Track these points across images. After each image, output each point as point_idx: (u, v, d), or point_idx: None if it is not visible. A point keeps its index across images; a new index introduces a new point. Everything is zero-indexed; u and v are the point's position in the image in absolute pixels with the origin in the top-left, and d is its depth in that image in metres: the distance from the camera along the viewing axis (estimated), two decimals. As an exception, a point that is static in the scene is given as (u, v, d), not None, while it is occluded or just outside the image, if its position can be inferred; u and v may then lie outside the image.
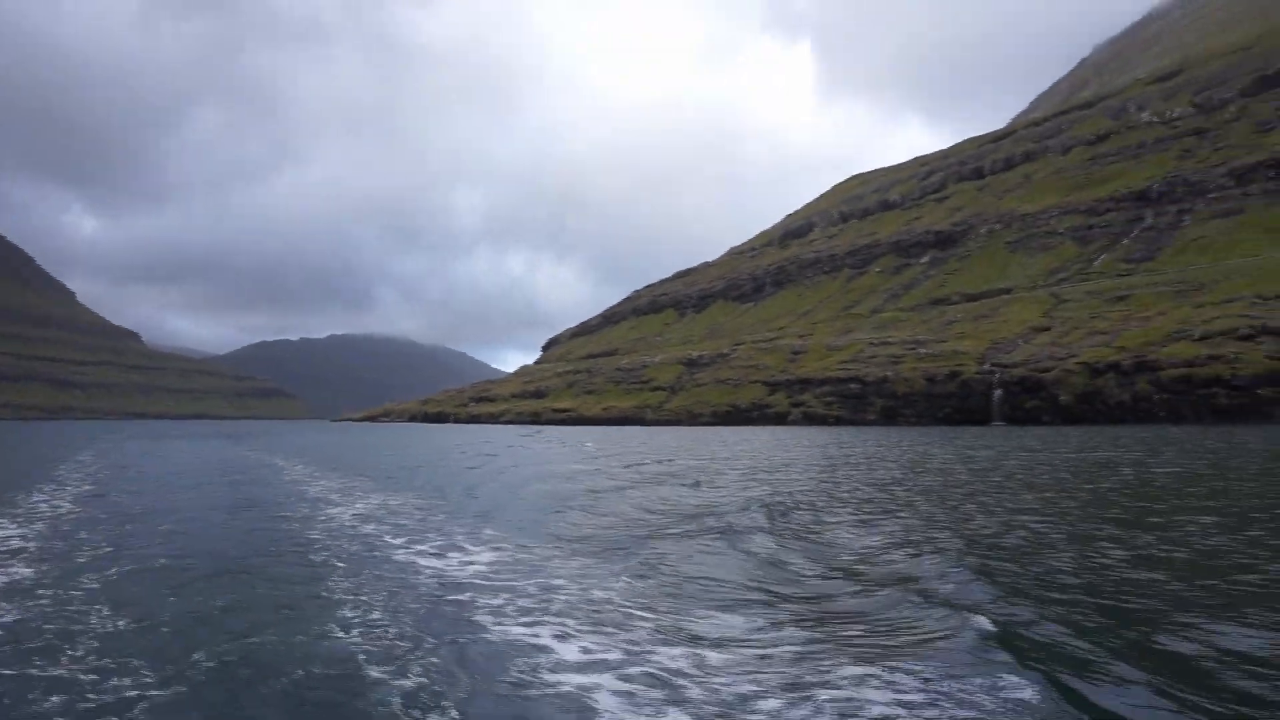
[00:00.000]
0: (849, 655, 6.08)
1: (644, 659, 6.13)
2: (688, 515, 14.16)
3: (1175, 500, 15.31)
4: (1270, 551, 9.53)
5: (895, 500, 16.53)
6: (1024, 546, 10.51)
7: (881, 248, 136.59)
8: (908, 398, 75.47)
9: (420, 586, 8.68)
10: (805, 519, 13.44)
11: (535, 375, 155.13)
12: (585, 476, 24.68)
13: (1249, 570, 8.52)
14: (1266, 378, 56.32)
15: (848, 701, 5.14)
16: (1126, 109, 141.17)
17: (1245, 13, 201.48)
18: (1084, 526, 12.37)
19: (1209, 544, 10.19)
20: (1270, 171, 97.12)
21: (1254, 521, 11.97)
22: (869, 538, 11.24)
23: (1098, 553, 10.25)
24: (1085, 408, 64.78)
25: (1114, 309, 79.11)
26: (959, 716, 4.82)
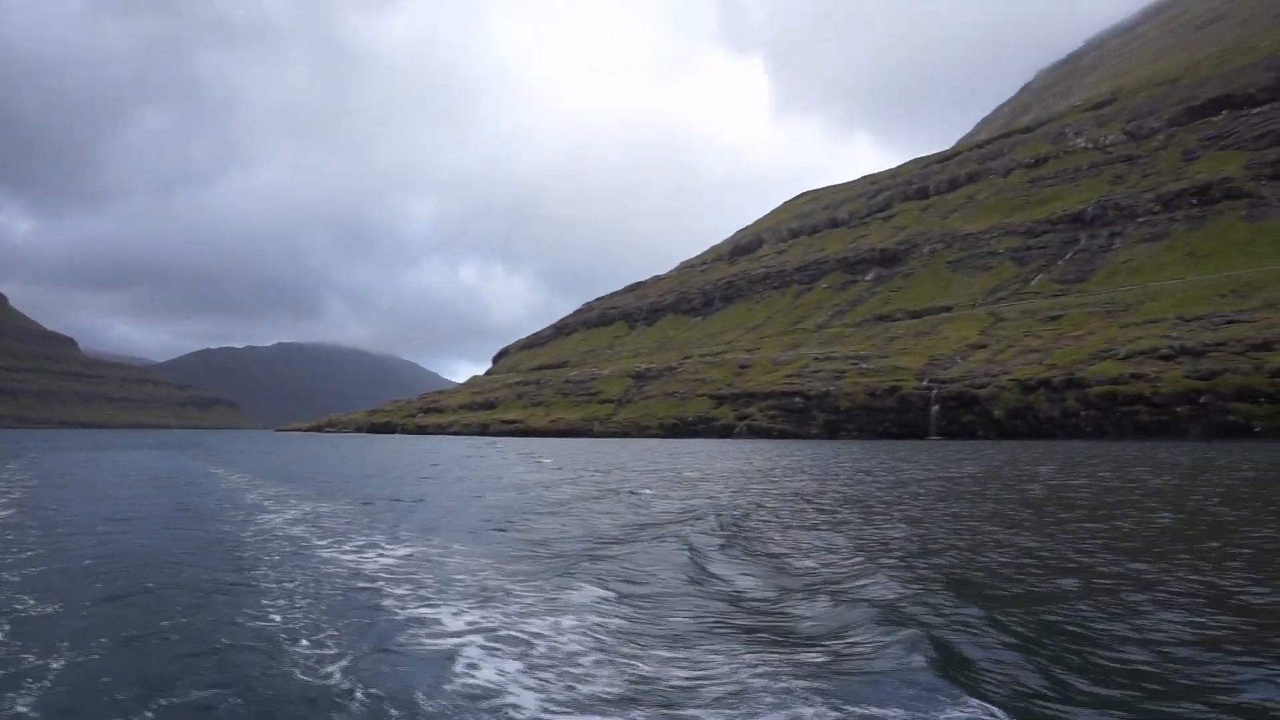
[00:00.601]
0: (786, 660, 6.35)
1: (569, 659, 6.47)
2: (634, 526, 14.78)
3: (1082, 511, 16.44)
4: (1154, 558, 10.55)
5: (829, 510, 17.40)
6: (946, 557, 11.40)
7: (829, 264, 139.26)
8: (849, 412, 77.20)
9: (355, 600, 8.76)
10: (747, 529, 14.17)
11: (485, 386, 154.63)
12: (540, 488, 25.23)
13: (1146, 584, 9.48)
14: (1184, 396, 58.96)
15: (784, 704, 5.40)
16: (1064, 134, 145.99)
17: (1175, 45, 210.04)
18: (986, 532, 13.34)
19: (1132, 560, 11.17)
20: (1194, 199, 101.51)
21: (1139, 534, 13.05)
22: (806, 547, 11.83)
23: (1001, 553, 11.16)
24: (1017, 423, 67.01)
25: (1047, 328, 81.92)
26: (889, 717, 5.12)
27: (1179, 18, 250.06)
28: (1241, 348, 60.29)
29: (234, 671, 6.35)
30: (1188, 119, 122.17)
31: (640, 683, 6.04)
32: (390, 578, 9.90)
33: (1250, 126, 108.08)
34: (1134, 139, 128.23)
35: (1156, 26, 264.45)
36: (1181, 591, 8.53)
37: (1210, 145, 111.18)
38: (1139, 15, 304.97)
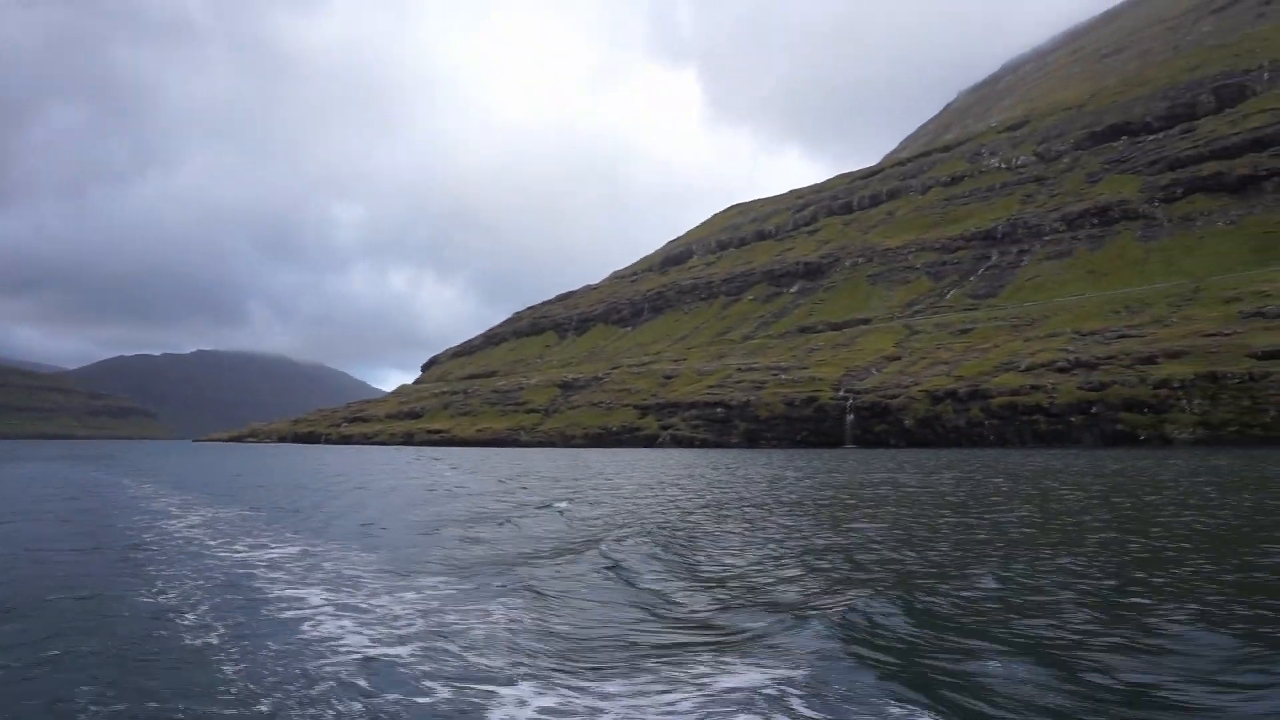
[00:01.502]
0: (707, 666, 6.54)
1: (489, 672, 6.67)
2: (551, 536, 15.23)
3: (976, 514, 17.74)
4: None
5: (744, 518, 18.35)
6: (866, 560, 12.39)
7: (755, 276, 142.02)
8: (769, 421, 79.09)
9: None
10: (662, 536, 14.95)
11: (412, 395, 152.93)
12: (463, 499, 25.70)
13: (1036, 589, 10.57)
14: (1077, 406, 62.25)
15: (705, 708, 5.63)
16: (980, 154, 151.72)
17: (1082, 73, 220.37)
18: (898, 535, 14.44)
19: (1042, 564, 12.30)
20: (1095, 219, 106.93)
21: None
22: (722, 553, 12.30)
23: (917, 552, 12.21)
24: (926, 432, 69.65)
25: (957, 341, 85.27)
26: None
27: (1087, 47, 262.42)
28: (1130, 361, 63.94)
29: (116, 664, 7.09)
30: (1091, 143, 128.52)
31: (555, 686, 6.25)
32: (270, 574, 11.02)
33: (1145, 152, 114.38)
34: (1043, 160, 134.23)
35: (1067, 54, 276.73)
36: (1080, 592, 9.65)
37: (1110, 169, 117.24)
38: (1052, 43, 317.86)
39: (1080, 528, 14.73)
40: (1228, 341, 61.76)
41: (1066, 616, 7.88)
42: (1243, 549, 11.90)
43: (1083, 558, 11.22)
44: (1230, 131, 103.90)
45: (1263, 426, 54.72)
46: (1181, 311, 73.43)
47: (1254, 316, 65.08)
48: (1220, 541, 12.79)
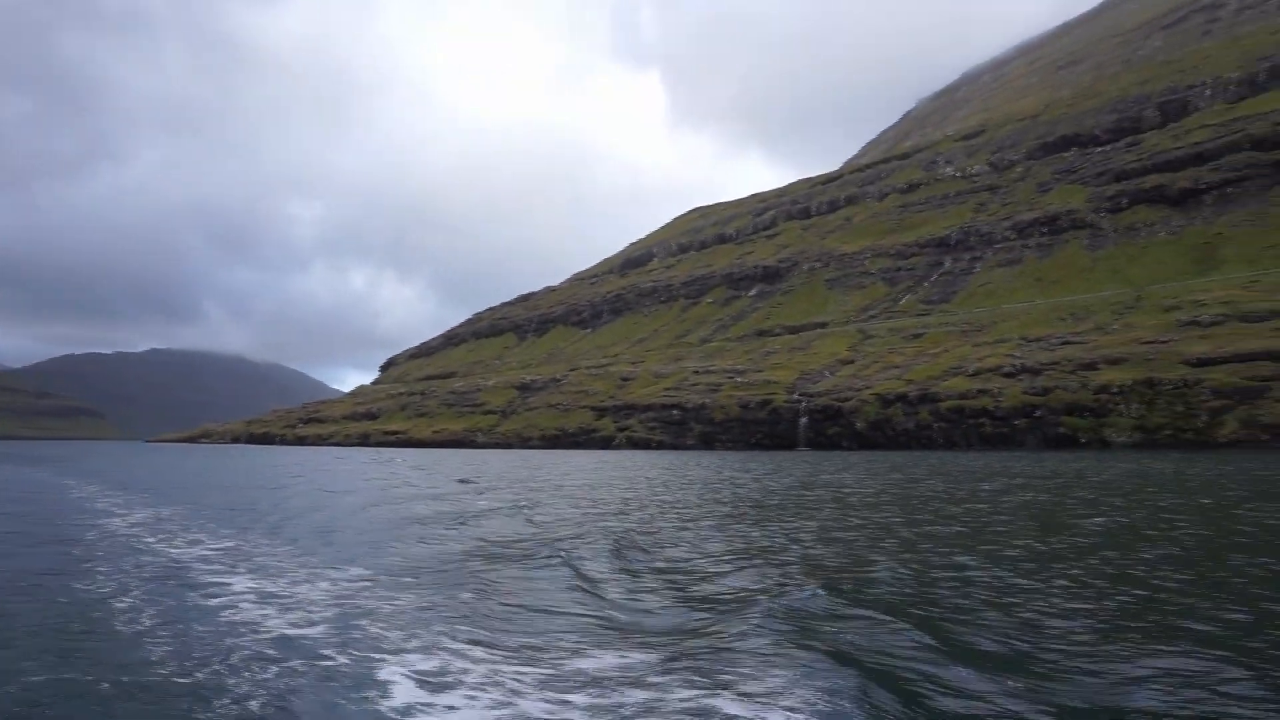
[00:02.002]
0: (669, 669, 6.54)
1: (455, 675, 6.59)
2: (511, 537, 15.28)
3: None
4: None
5: (702, 518, 18.70)
6: (820, 560, 12.75)
7: (715, 280, 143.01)
8: (724, 424, 79.83)
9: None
10: (618, 534, 15.21)
11: (370, 396, 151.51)
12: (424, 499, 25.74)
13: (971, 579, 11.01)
14: (1021, 410, 63.78)
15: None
16: (936, 162, 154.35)
17: (1037, 84, 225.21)
18: (849, 536, 14.86)
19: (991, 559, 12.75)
20: (1044, 228, 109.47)
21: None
22: (681, 553, 12.47)
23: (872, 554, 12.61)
24: (877, 434, 70.83)
25: (910, 345, 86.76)
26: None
27: (1042, 58, 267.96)
28: (1072, 367, 65.66)
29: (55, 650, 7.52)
30: (1043, 153, 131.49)
31: (501, 686, 6.24)
32: (205, 568, 11.60)
33: (1094, 163, 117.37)
34: (996, 170, 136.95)
35: (1023, 65, 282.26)
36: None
37: (1061, 179, 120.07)
38: (1009, 53, 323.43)
39: (978, 527, 15.34)
40: (1165, 349, 63.71)
41: (979, 611, 8.36)
42: (1132, 544, 12.55)
43: (986, 555, 11.77)
44: (1173, 145, 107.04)
45: (1195, 431, 56.55)
46: (1123, 319, 75.54)
47: (1190, 325, 67.21)
48: (1116, 538, 13.45)
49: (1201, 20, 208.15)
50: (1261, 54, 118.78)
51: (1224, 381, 57.29)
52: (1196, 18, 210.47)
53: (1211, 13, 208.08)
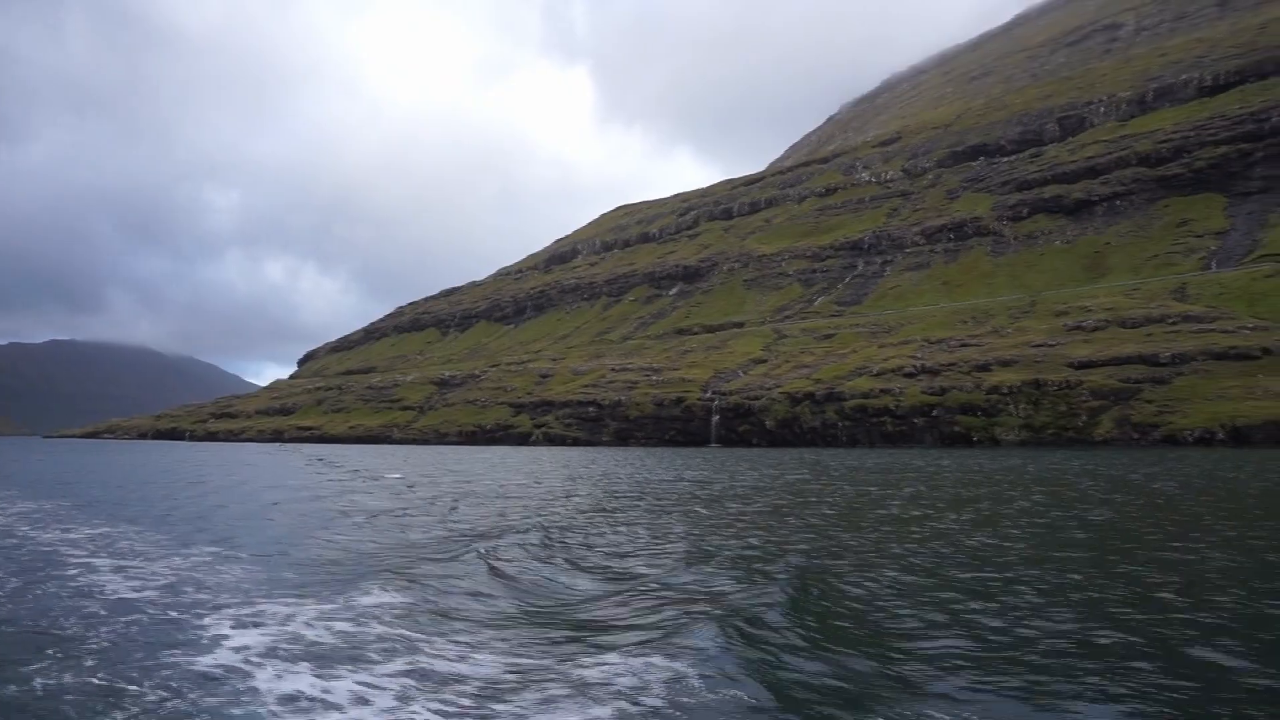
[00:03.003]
0: (586, 663, 6.60)
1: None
2: (424, 531, 15.75)
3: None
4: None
5: (619, 510, 19.61)
6: (737, 551, 13.73)
7: (637, 278, 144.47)
8: (639, 421, 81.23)
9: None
10: (538, 527, 15.95)
11: (285, 391, 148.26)
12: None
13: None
14: (920, 409, 66.80)
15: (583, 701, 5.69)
16: (855, 167, 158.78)
17: (952, 94, 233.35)
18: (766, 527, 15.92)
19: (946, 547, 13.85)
20: (951, 233, 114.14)
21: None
22: (601, 548, 12.65)
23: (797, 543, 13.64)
24: (786, 432, 73.14)
25: (820, 346, 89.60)
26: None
27: (957, 69, 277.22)
28: (968, 368, 69.05)
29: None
30: (952, 162, 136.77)
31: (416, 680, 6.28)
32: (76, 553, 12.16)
33: (999, 173, 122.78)
34: (909, 176, 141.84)
35: (939, 75, 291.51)
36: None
37: (968, 187, 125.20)
38: (928, 62, 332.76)
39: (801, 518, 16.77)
40: (1052, 352, 67.57)
41: (882, 603, 9.54)
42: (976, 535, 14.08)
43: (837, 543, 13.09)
44: (1070, 158, 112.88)
45: (1076, 429, 60.25)
46: (1018, 323, 79.62)
47: (1075, 330, 71.39)
48: (970, 528, 15.00)
49: (1102, 40, 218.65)
50: (1151, 75, 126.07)
51: (1101, 383, 61.19)
52: (1098, 37, 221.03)
53: (1111, 33, 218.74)
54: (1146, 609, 8.23)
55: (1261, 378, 56.08)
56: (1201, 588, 9.19)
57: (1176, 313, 68.96)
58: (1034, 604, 8.49)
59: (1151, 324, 67.97)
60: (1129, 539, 13.37)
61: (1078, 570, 10.30)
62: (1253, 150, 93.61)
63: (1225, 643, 6.96)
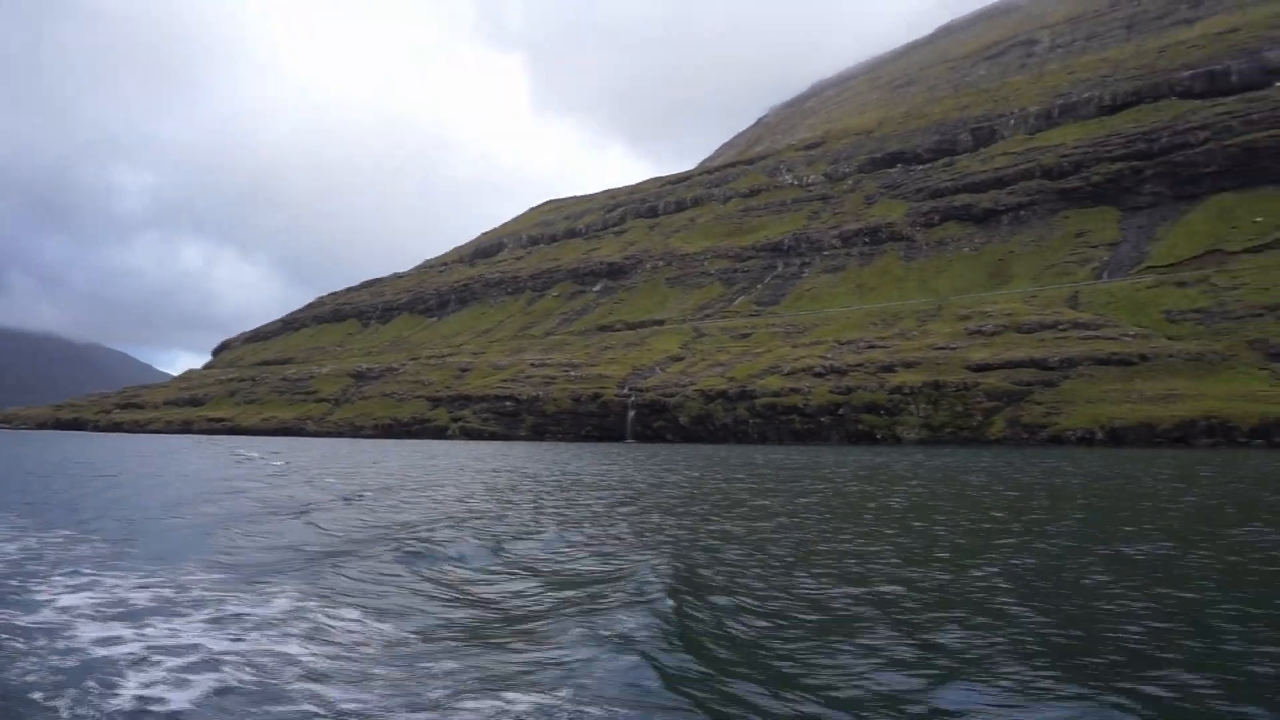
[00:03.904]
0: (507, 659, 6.73)
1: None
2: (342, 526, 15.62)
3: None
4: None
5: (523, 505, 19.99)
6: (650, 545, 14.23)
7: (561, 274, 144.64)
8: (555, 416, 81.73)
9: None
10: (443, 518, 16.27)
11: (197, 381, 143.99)
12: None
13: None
14: (827, 408, 68.99)
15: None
16: (779, 169, 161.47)
17: (876, 101, 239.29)
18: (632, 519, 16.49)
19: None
20: (866, 238, 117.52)
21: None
22: (518, 539, 13.05)
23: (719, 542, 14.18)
24: (699, 428, 74.59)
25: (736, 344, 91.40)
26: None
27: (883, 77, 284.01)
28: (874, 369, 71.52)
29: None
30: (872, 167, 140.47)
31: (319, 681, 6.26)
32: None
33: (914, 180, 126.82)
34: (830, 180, 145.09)
35: (865, 81, 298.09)
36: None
37: (885, 193, 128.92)
38: (856, 69, 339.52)
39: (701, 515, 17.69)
40: (952, 354, 70.48)
41: (761, 593, 10.28)
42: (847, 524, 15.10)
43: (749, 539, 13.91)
44: (980, 169, 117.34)
45: (971, 429, 63.10)
46: (924, 326, 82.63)
47: (976, 334, 74.58)
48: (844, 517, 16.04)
49: (1019, 55, 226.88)
50: (1060, 91, 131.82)
51: (995, 385, 64.19)
52: (1015, 51, 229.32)
53: (1029, 48, 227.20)
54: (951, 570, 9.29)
55: (1138, 382, 59.69)
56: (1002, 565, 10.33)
57: (1068, 319, 72.68)
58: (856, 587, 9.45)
59: (1045, 329, 71.48)
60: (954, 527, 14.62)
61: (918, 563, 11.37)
62: (1144, 167, 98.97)
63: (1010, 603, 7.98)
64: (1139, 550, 11.92)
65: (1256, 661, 6.58)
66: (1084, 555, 11.46)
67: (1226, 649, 6.92)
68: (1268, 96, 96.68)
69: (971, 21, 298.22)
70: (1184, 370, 60.23)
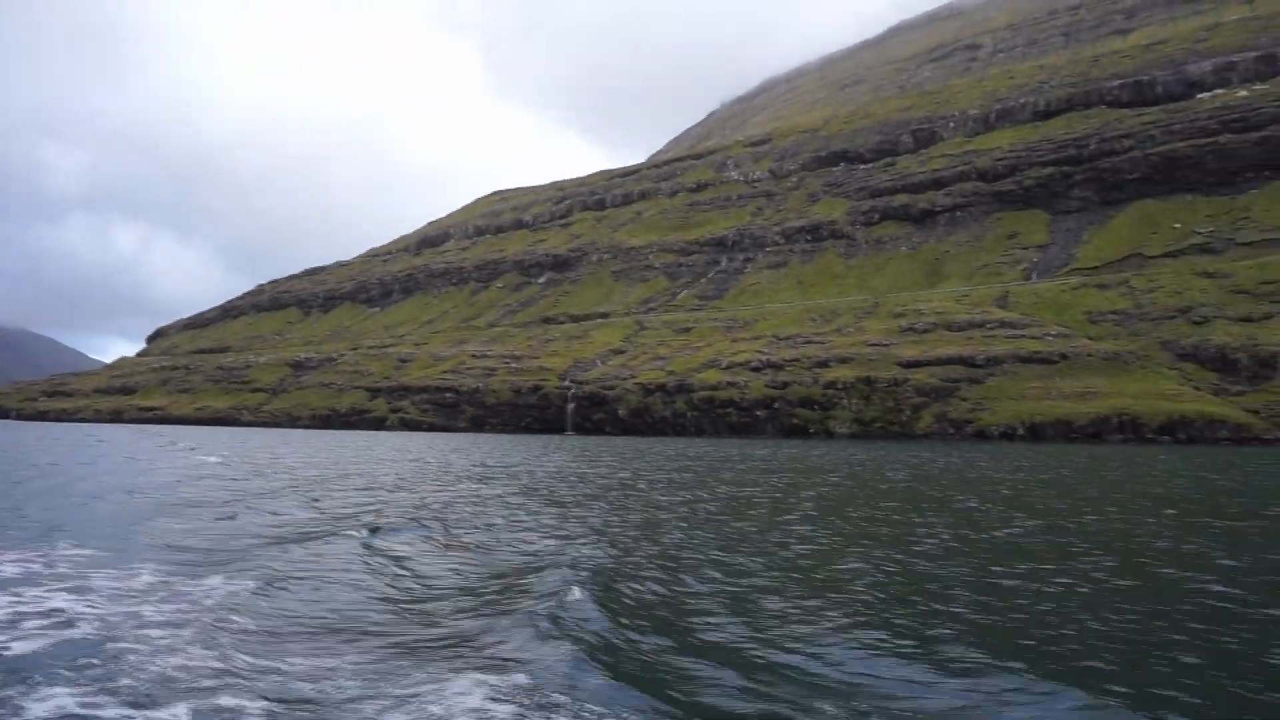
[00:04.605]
0: (438, 656, 6.62)
1: None
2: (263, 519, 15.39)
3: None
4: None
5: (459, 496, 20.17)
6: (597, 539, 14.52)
7: (506, 265, 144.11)
8: (495, 407, 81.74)
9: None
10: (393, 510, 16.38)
11: (129, 369, 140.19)
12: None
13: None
14: (763, 402, 70.28)
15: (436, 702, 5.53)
16: (726, 165, 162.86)
17: (823, 100, 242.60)
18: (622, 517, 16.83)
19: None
20: (808, 235, 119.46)
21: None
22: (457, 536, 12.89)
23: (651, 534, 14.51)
24: (638, 421, 75.33)
25: (678, 338, 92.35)
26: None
27: (830, 76, 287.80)
28: (810, 364, 73.02)
29: None
30: (816, 166, 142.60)
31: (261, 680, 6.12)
32: None
33: (856, 180, 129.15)
34: (776, 177, 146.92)
35: (814, 80, 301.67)
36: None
37: (828, 191, 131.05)
38: (805, 67, 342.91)
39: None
40: (885, 351, 72.31)
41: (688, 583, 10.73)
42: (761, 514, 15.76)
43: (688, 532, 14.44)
44: (919, 170, 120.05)
45: (900, 424, 64.91)
46: (861, 323, 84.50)
47: (909, 331, 76.58)
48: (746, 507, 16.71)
49: (963, 58, 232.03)
50: (998, 96, 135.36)
51: (925, 382, 66.10)
52: (959, 55, 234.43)
53: (972, 52, 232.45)
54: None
55: (1058, 380, 62.07)
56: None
57: (996, 319, 75.06)
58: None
59: (974, 328, 73.72)
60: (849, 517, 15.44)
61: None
62: (1073, 173, 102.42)
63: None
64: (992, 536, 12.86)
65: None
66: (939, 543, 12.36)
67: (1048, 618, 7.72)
68: (1188, 108, 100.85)
69: (920, 23, 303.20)
70: (1101, 369, 62.79)
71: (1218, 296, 67.88)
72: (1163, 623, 7.75)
